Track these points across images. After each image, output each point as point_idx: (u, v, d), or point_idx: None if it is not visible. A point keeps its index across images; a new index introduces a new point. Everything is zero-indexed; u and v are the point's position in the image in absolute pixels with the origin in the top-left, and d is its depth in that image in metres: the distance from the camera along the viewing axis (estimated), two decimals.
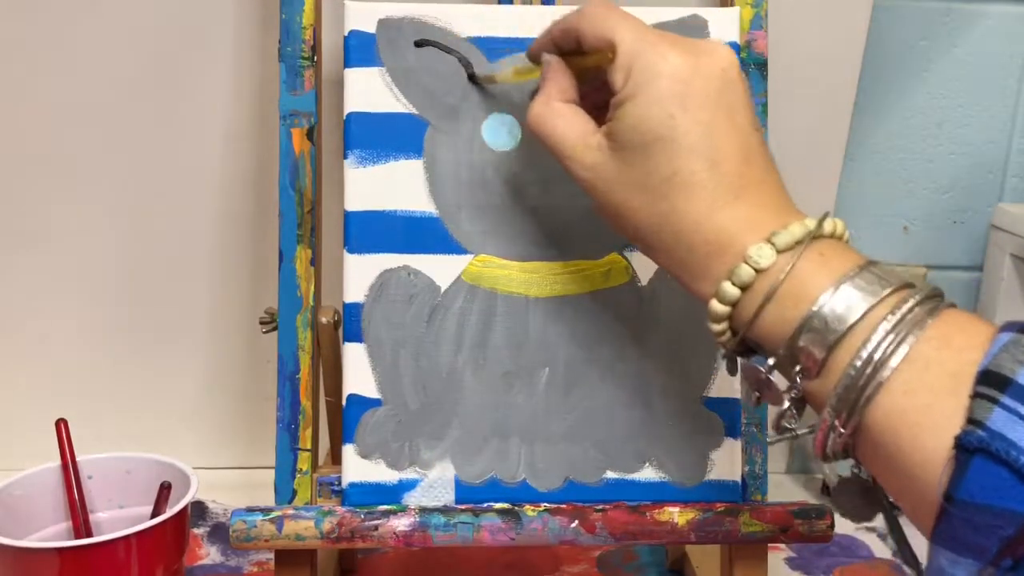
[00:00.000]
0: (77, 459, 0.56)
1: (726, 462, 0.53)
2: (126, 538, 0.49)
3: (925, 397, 0.33)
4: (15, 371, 0.73)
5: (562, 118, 0.43)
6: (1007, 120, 0.76)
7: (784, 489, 0.77)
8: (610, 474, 0.53)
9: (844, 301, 0.36)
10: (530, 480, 0.52)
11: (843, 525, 0.50)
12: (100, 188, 0.69)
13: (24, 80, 0.67)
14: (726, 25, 0.54)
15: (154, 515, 0.53)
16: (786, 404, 0.38)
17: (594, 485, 0.53)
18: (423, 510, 0.50)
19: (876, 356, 0.34)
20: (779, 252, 0.37)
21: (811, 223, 0.38)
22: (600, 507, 0.51)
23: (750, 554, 0.54)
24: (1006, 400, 0.31)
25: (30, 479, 0.55)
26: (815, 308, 0.36)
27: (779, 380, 0.38)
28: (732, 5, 0.55)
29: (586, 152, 0.42)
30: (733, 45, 0.54)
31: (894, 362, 0.34)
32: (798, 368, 0.37)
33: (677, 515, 0.51)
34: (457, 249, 0.52)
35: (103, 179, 0.69)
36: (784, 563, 0.66)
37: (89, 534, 0.55)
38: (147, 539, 0.49)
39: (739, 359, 0.41)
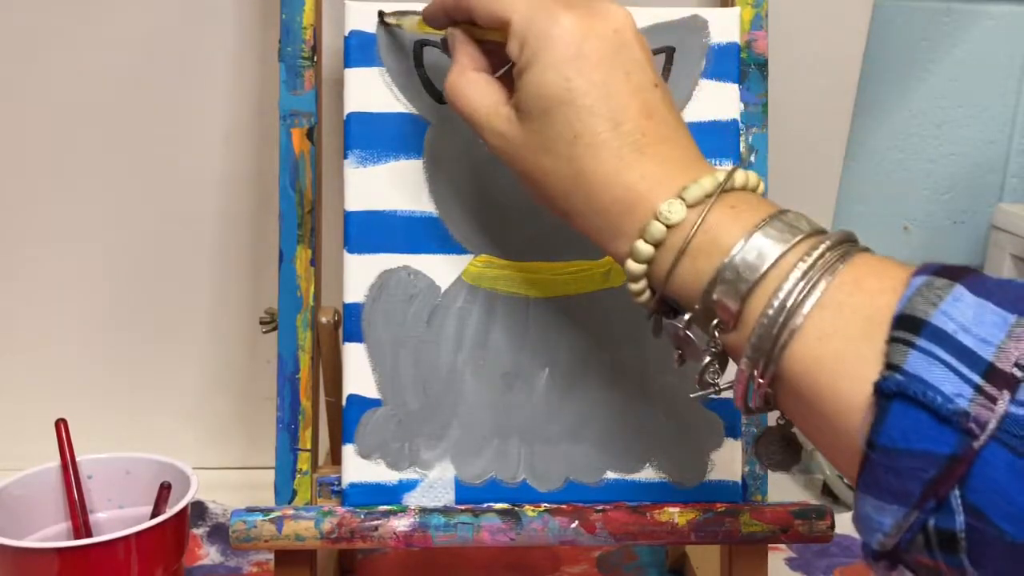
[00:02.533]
0: (77, 459, 0.56)
1: (726, 462, 0.53)
2: (126, 538, 0.49)
3: (839, 343, 0.33)
4: (15, 371, 0.73)
5: (475, 87, 0.43)
6: (1007, 120, 0.76)
7: (784, 489, 0.77)
8: (610, 474, 0.53)
9: (755, 250, 0.35)
10: (530, 480, 0.52)
11: (844, 525, 0.49)
12: (100, 188, 0.69)
13: (24, 80, 0.67)
14: (726, 25, 0.54)
15: (154, 515, 0.53)
16: (707, 359, 0.38)
17: (594, 485, 0.52)
18: (423, 510, 0.50)
19: (788, 303, 0.34)
20: (689, 207, 0.37)
21: (721, 175, 0.38)
22: (600, 507, 0.51)
23: (750, 554, 0.54)
24: (921, 343, 0.31)
25: (30, 479, 0.55)
26: (727, 259, 0.36)
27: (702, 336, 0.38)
28: (732, 5, 0.55)
29: (497, 121, 0.42)
30: (733, 45, 0.54)
31: (806, 308, 0.33)
32: (716, 322, 0.37)
33: (677, 515, 0.51)
34: (457, 249, 0.52)
35: (103, 179, 0.69)
36: (784, 563, 0.66)
37: (89, 534, 0.55)
38: (147, 539, 0.49)
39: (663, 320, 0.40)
